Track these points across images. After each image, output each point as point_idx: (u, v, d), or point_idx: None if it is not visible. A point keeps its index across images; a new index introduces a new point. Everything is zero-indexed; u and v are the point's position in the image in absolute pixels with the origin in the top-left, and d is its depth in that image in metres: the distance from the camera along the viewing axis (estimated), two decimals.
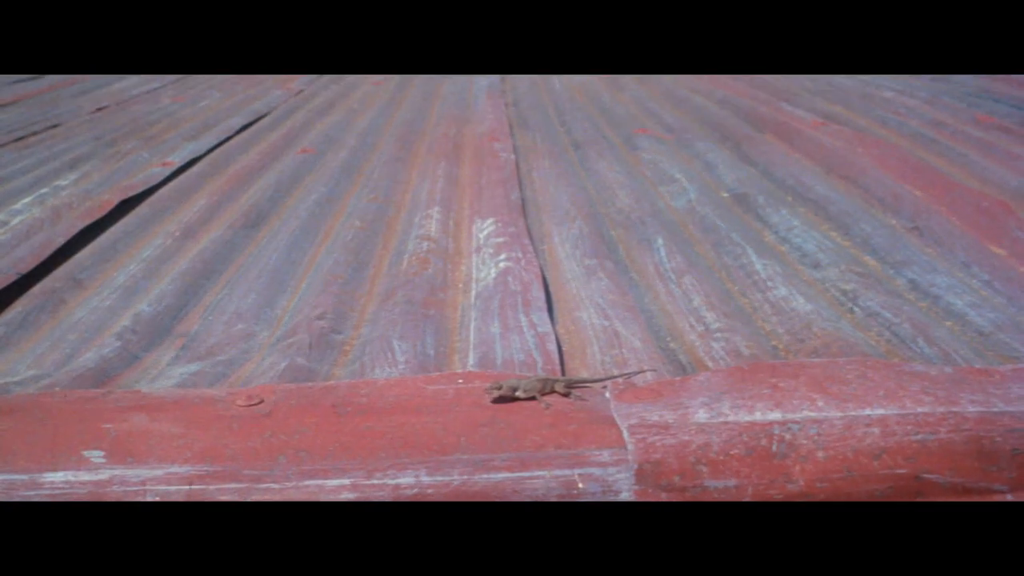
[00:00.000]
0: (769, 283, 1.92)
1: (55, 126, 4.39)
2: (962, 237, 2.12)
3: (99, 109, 4.81)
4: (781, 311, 1.79)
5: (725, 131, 3.29)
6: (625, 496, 1.22)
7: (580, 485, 1.22)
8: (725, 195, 2.61)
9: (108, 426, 1.30)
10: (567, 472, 1.23)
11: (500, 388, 1.36)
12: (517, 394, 1.36)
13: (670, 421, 1.26)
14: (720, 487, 1.23)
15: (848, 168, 2.69)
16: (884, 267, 2.03)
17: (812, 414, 1.26)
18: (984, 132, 3.06)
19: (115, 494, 1.20)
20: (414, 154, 3.25)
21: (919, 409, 1.27)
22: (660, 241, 2.20)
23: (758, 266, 2.00)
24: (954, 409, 1.28)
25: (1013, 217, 2.19)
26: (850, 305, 1.82)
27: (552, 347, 1.62)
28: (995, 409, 1.29)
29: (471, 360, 1.62)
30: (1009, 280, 1.90)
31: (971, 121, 3.23)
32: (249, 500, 1.19)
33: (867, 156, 2.78)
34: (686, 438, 1.23)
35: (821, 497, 1.22)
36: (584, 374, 1.56)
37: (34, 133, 4.25)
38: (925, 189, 2.45)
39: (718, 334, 1.69)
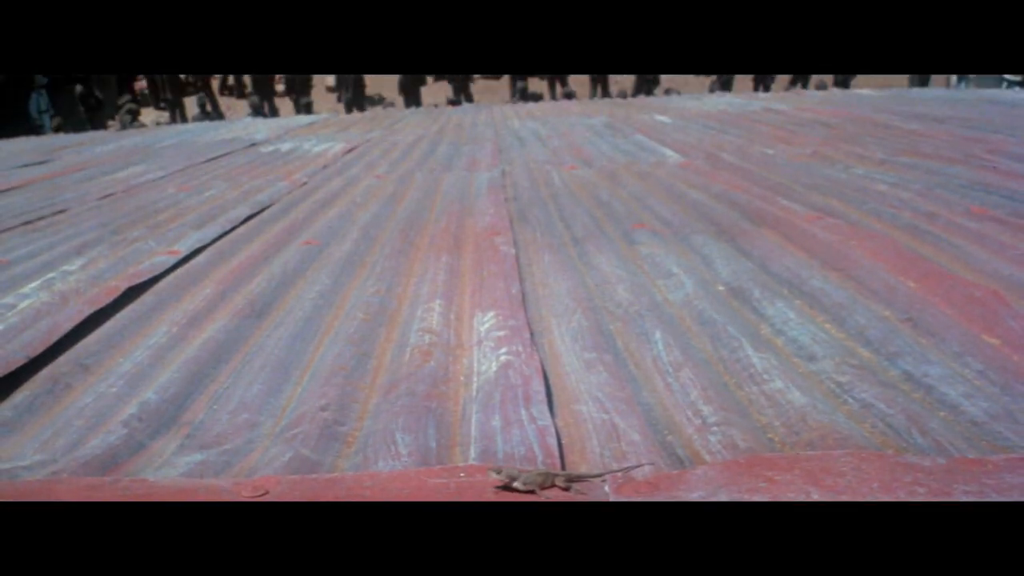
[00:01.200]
0: (765, 376, 1.95)
1: (62, 211, 4.46)
2: (955, 327, 2.16)
3: (106, 196, 4.89)
4: (777, 404, 1.81)
5: (722, 225, 3.35)
6: None
7: None
8: (722, 288, 2.65)
9: None
10: None
11: (500, 473, 1.39)
12: (516, 485, 1.39)
13: None
14: None
15: (843, 261, 2.74)
16: (878, 358, 2.06)
17: None
18: (977, 223, 3.12)
19: None
20: (416, 247, 3.30)
21: (912, 500, 1.30)
22: (658, 335, 2.24)
23: (754, 359, 2.04)
24: (948, 500, 1.30)
25: (1006, 307, 2.23)
26: (845, 397, 1.85)
27: (552, 441, 1.65)
28: (989, 499, 1.31)
29: (472, 453, 1.65)
30: (1002, 369, 1.93)
31: (964, 212, 3.29)
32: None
33: (861, 249, 2.83)
34: None
35: None
36: (584, 468, 1.58)
37: (42, 218, 4.32)
38: (919, 280, 2.49)
39: (715, 427, 1.71)
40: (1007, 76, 15.21)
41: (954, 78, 16.44)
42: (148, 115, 17.80)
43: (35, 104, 16.06)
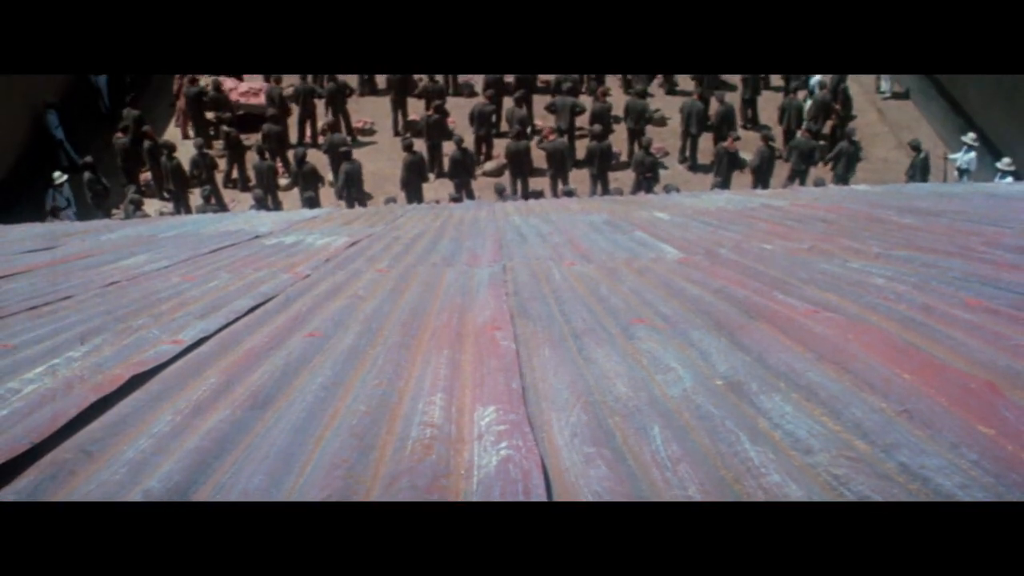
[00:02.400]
0: (763, 470, 1.97)
1: (67, 298, 4.51)
2: (951, 418, 2.18)
3: (110, 284, 4.95)
4: (774, 498, 1.83)
5: (720, 320, 3.39)
6: None
7: None
8: (719, 383, 2.68)
9: None
10: None
11: None
12: None
13: None
14: None
15: (839, 354, 2.78)
16: (875, 450, 2.08)
17: None
18: (972, 314, 3.16)
19: None
20: (418, 341, 3.34)
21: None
22: (656, 429, 2.26)
23: (752, 453, 2.06)
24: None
25: (1000, 397, 2.26)
26: (841, 490, 1.87)
27: None
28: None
29: None
30: (997, 459, 1.95)
31: (959, 304, 3.34)
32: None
33: (857, 342, 2.86)
34: None
35: None
36: None
37: (46, 303, 4.37)
38: (914, 372, 2.52)
39: None
40: (999, 165, 15.44)
41: (955, 173, 16.71)
42: (152, 205, 18.01)
43: (50, 197, 16.35)
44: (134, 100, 19.76)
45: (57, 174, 16.99)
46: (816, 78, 20.19)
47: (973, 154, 16.95)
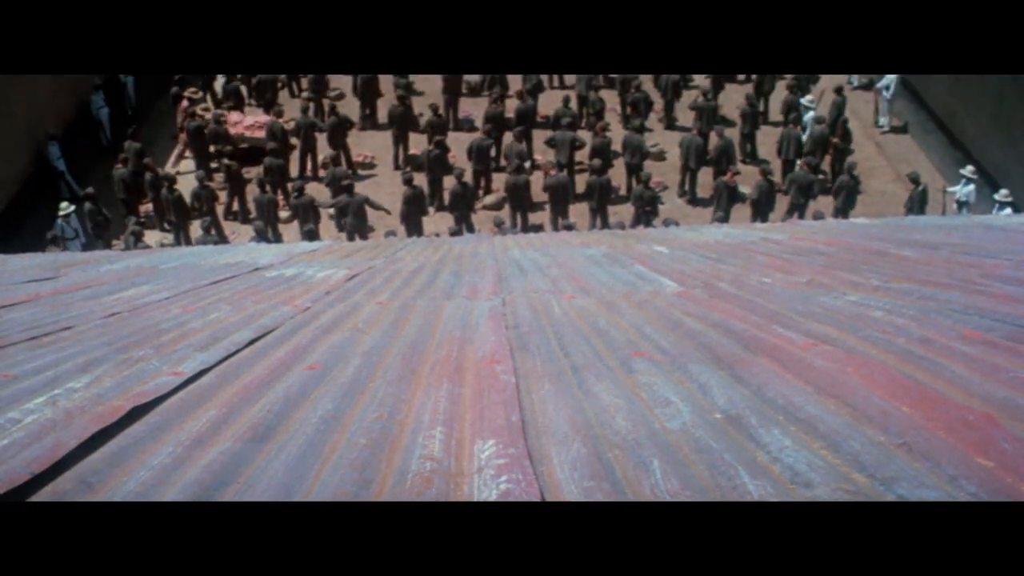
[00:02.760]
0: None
1: (68, 328, 4.51)
2: (950, 451, 2.19)
3: (111, 314, 4.95)
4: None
5: (719, 353, 3.40)
6: None
7: None
8: (718, 416, 2.69)
9: None
10: None
11: None
12: None
13: None
14: None
15: (838, 387, 2.78)
16: (873, 483, 2.09)
17: None
18: (970, 347, 3.17)
19: None
20: (418, 374, 3.34)
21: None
22: (656, 463, 2.27)
23: (751, 487, 2.06)
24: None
25: (999, 429, 2.27)
26: None
27: None
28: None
29: None
30: (996, 491, 1.96)
31: (958, 337, 3.35)
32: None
33: (856, 375, 2.87)
34: None
35: None
36: None
37: (48, 334, 4.37)
38: (913, 405, 2.53)
39: None
40: (997, 197, 15.50)
41: (954, 205, 16.76)
42: (152, 236, 18.06)
43: (59, 229, 16.42)
44: (135, 133, 19.89)
45: (64, 205, 17.07)
46: (810, 113, 20.31)
47: (972, 186, 17.02)
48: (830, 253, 6.74)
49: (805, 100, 20.55)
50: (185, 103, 21.44)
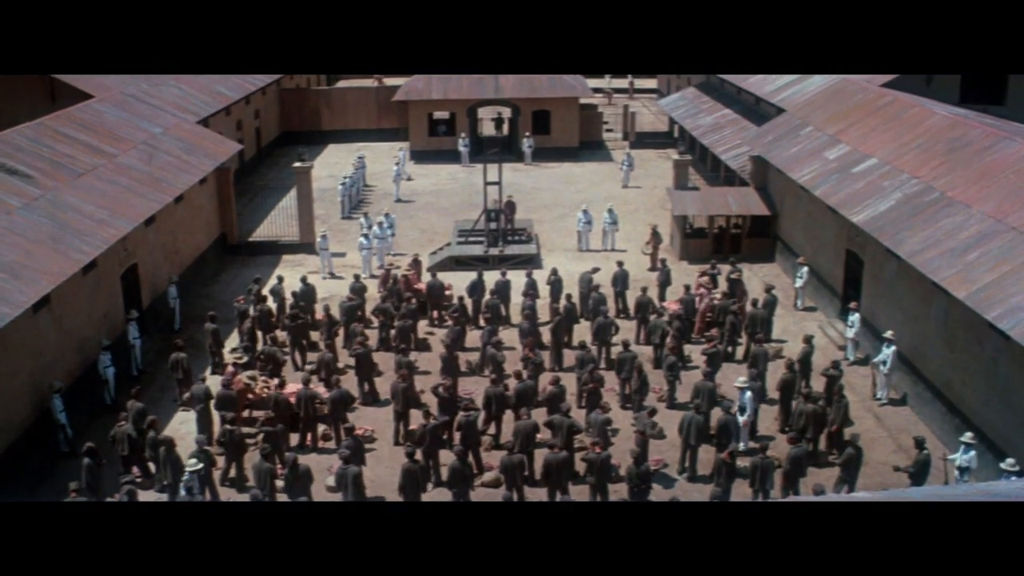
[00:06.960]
0: None
1: None
2: None
3: None
4: None
5: None
6: None
7: None
8: None
9: None
10: None
11: None
12: None
13: None
14: None
15: None
16: None
17: None
18: None
19: None
20: None
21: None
22: None
23: None
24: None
25: None
26: None
27: None
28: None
29: None
30: None
31: None
32: None
33: None
34: None
35: None
36: None
37: None
38: None
39: None
40: (1004, 467, 15.42)
41: (955, 472, 16.62)
42: (148, 496, 17.91)
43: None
44: (138, 393, 20.07)
45: (73, 484, 16.76)
46: (796, 402, 20.23)
47: (973, 452, 16.93)
48: None
49: (739, 382, 20.52)
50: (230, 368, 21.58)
